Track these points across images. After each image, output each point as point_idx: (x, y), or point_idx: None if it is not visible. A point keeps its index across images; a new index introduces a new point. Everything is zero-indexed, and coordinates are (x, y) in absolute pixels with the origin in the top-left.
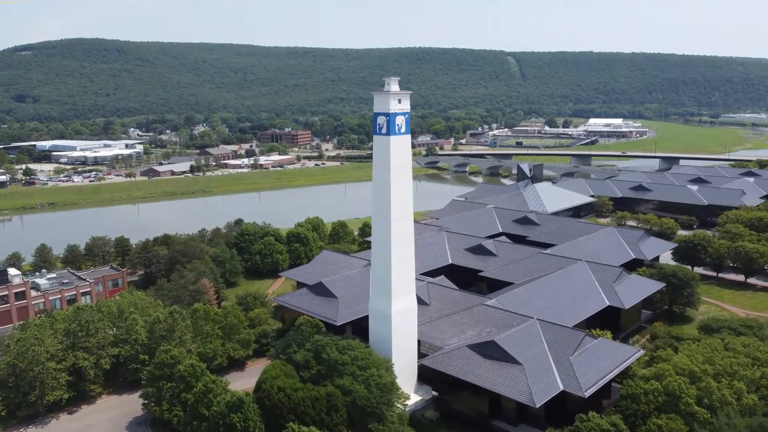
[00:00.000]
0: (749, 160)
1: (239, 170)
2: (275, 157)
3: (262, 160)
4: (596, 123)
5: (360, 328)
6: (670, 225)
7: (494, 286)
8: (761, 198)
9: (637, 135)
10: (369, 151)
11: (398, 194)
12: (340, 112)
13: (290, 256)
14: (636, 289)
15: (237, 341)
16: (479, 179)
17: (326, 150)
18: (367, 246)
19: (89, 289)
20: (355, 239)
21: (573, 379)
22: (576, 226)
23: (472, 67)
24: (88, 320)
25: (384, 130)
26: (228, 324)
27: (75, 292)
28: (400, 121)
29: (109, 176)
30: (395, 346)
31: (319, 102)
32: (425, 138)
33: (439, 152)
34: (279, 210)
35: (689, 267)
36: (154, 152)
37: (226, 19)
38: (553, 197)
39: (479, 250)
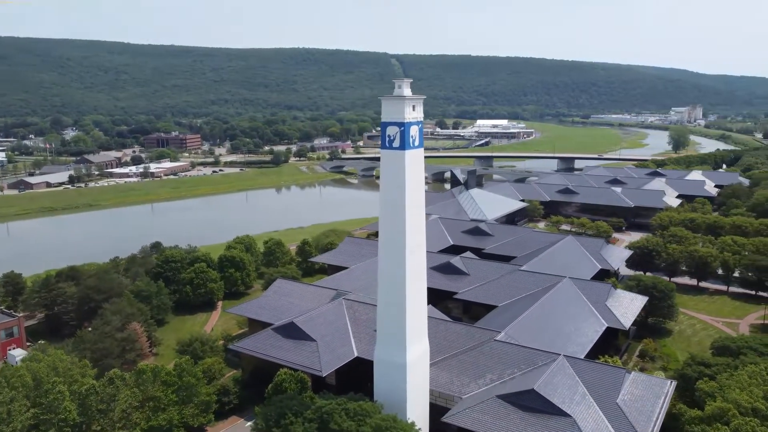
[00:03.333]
0: (645, 159)
1: (127, 180)
2: (167, 165)
3: (153, 167)
4: (484, 124)
5: (342, 376)
6: (605, 228)
7: (472, 309)
8: (676, 198)
9: (525, 136)
10: (269, 156)
11: (413, 220)
12: (226, 114)
13: (225, 283)
14: (627, 306)
15: (196, 405)
16: None
17: (220, 155)
18: (316, 270)
19: None
20: (293, 259)
21: (630, 430)
22: (531, 235)
23: (358, 68)
24: None
25: (397, 143)
26: (184, 384)
27: None
28: (414, 131)
29: None
30: (410, 402)
31: (202, 104)
32: (322, 141)
33: (343, 156)
34: (188, 225)
35: (642, 272)
36: (20, 160)
37: (93, 15)
38: (489, 203)
39: (448, 269)
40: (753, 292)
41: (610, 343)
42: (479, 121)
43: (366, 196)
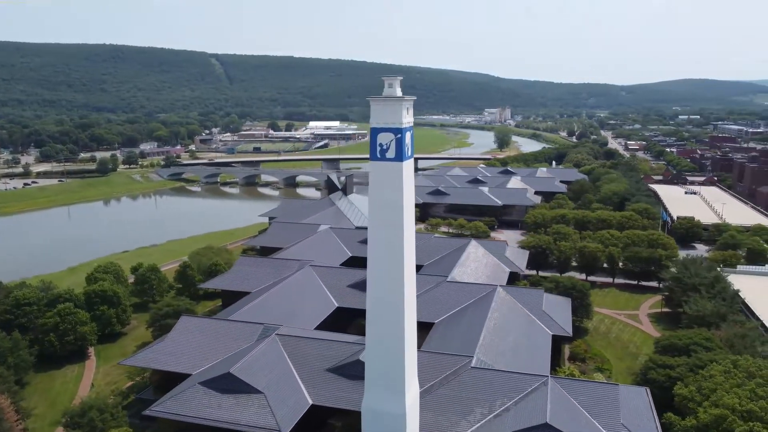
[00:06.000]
0: (487, 158)
1: None
2: None
3: None
4: (317, 126)
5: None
6: (483, 228)
7: None
8: (536, 194)
9: (360, 137)
10: (93, 164)
11: (409, 242)
12: (22, 117)
13: (97, 324)
14: (560, 310)
15: None
16: (234, 190)
17: (29, 165)
18: (202, 297)
19: None
20: (172, 286)
21: None
22: (434, 241)
23: (176, 68)
24: None
25: (391, 154)
26: None
27: None
28: (409, 139)
29: None
30: None
31: None
32: (148, 146)
33: (180, 162)
34: (14, 252)
35: (535, 272)
36: None
37: None
38: None
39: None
40: (635, 282)
41: (558, 354)
42: (311, 123)
43: (216, 205)
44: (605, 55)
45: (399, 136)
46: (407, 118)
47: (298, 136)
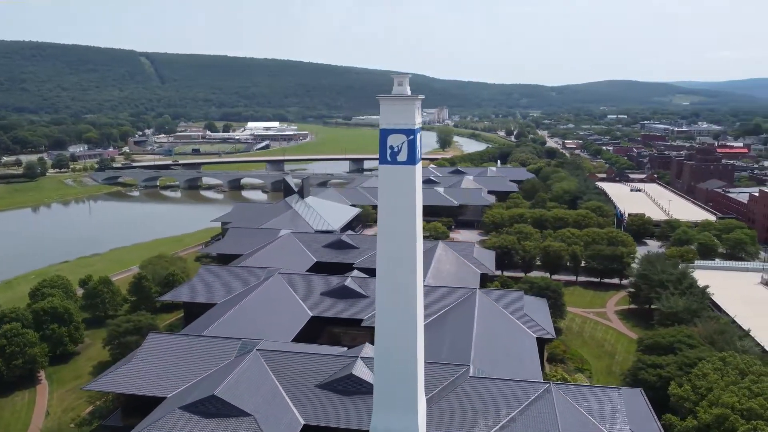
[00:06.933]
0: (433, 158)
1: None
2: None
3: None
4: (256, 126)
5: None
6: (443, 229)
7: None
8: (489, 194)
9: (301, 138)
10: (19, 168)
11: (420, 250)
12: None
13: (48, 344)
14: (539, 311)
15: None
16: (176, 194)
17: None
18: (159, 310)
19: None
20: (126, 299)
21: None
22: None
23: (103, 67)
24: None
25: (403, 157)
26: None
27: None
28: (419, 140)
29: None
30: None
31: None
32: (78, 149)
33: (116, 165)
34: None
35: (500, 272)
36: None
37: None
38: (329, 212)
39: (343, 292)
40: (598, 280)
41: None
42: (250, 124)
43: (159, 210)
44: (534, 56)
45: (412, 137)
46: (419, 118)
47: (237, 137)
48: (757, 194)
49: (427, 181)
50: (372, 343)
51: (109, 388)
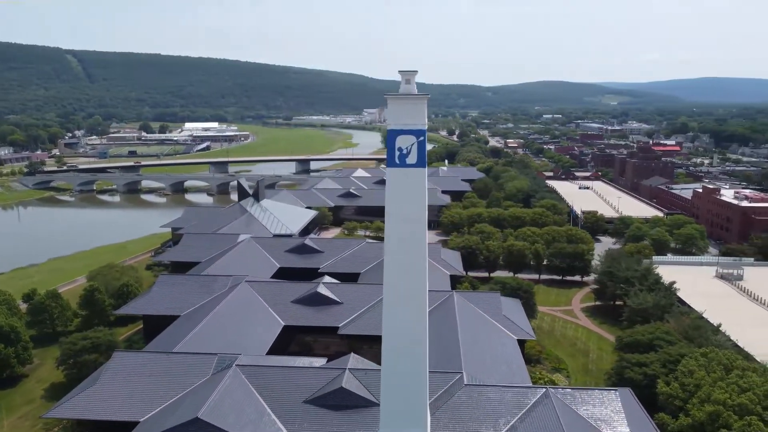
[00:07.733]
0: (379, 158)
1: None
2: None
3: None
4: (194, 127)
5: None
6: None
7: (351, 343)
8: (443, 193)
9: (242, 138)
10: None
11: (426, 258)
12: None
13: None
14: (515, 313)
15: None
16: (114, 198)
17: None
18: (114, 323)
19: None
20: (77, 313)
21: None
22: (363, 249)
23: (25, 65)
24: None
25: (412, 159)
26: None
27: None
28: (425, 142)
29: None
30: None
31: None
32: (3, 151)
33: (47, 169)
34: None
35: (465, 272)
36: None
37: None
38: (286, 215)
39: (315, 299)
40: (560, 278)
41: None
42: (188, 124)
43: (98, 216)
44: (470, 57)
45: (422, 138)
46: (426, 119)
47: (175, 139)
48: (700, 190)
49: (380, 182)
50: (349, 351)
51: (72, 414)
